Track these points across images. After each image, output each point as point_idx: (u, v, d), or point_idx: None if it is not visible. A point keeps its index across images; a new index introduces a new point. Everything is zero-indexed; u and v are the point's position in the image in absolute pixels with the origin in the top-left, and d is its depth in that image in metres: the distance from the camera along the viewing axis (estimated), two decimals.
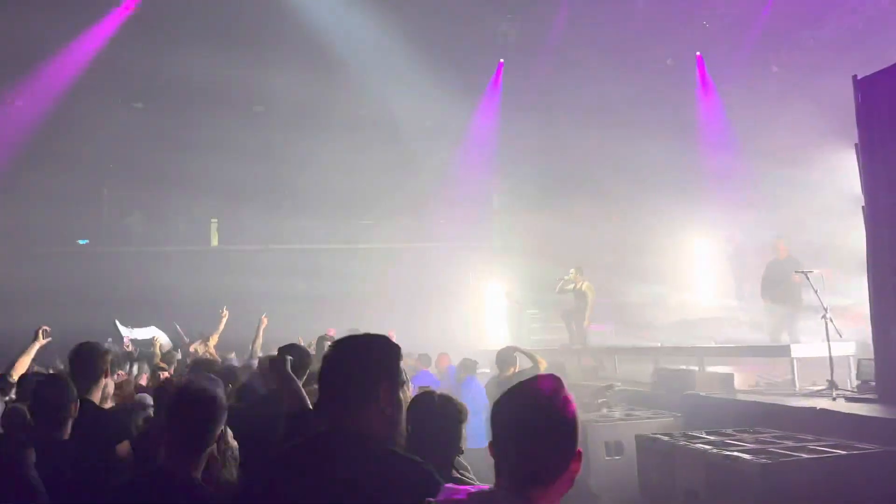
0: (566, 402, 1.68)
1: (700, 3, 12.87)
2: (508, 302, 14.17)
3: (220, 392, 2.62)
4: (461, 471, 3.21)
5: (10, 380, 4.51)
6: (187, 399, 2.53)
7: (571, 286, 11.38)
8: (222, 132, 15.73)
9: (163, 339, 10.44)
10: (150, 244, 17.13)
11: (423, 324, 13.91)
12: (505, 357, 7.06)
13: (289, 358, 3.14)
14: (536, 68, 15.00)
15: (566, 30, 13.87)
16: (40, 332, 5.03)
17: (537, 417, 1.66)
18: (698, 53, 14.49)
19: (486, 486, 1.72)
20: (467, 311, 16.21)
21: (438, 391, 3.47)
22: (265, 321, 7.95)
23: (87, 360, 3.72)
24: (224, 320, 8.66)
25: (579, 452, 1.67)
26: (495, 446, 1.69)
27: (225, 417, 2.59)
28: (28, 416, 3.47)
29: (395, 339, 2.21)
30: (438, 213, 18.43)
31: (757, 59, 12.78)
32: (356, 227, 18.59)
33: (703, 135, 14.55)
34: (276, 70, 14.64)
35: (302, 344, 4.98)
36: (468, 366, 8.17)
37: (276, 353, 4.62)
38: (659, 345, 10.56)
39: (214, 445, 2.60)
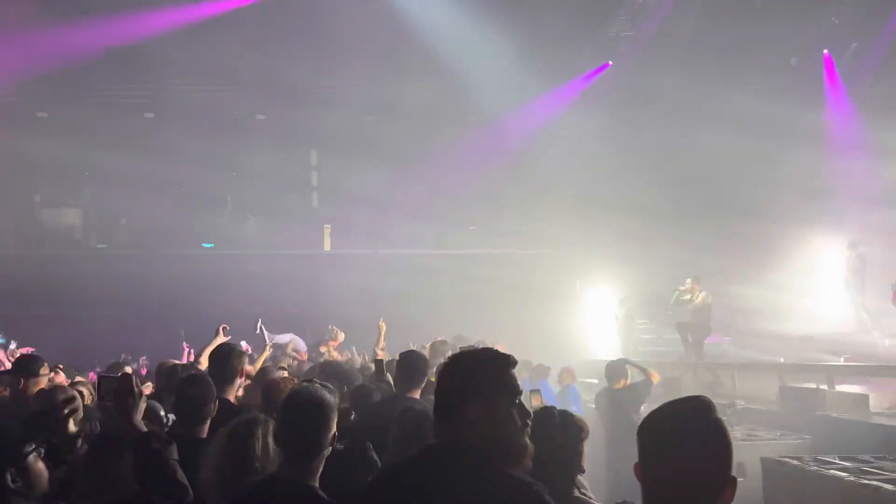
0: (717, 424, 1.61)
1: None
2: (623, 310, 13.65)
3: (328, 396, 2.56)
4: (582, 490, 3.14)
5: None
6: (292, 406, 2.51)
7: (688, 297, 10.96)
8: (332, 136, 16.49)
9: (300, 346, 10.92)
10: (266, 247, 17.91)
11: (529, 332, 13.81)
12: (615, 368, 6.92)
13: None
14: (655, 68, 14.56)
15: (687, 31, 13.41)
16: (221, 329, 5.36)
17: (697, 440, 1.59)
18: (826, 51, 13.68)
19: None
20: (574, 320, 15.95)
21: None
22: (384, 326, 8.07)
23: (225, 360, 3.91)
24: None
25: (734, 480, 1.59)
26: (645, 468, 1.63)
27: (334, 421, 2.54)
28: (161, 412, 3.61)
29: (503, 351, 2.19)
30: (547, 218, 18.27)
31: (891, 56, 11.91)
32: (462, 232, 18.72)
33: (832, 135, 13.71)
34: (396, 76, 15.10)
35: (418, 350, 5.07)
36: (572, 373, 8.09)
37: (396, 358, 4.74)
38: (782, 360, 9.98)
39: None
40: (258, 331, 11.07)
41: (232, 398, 3.94)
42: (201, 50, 14.50)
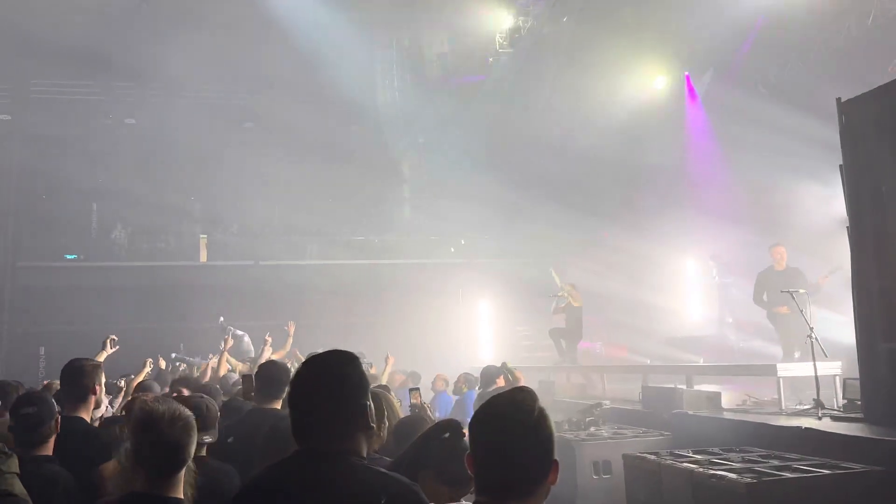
0: (542, 413, 1.71)
1: (685, 24, 13.01)
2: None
3: (187, 410, 2.52)
4: None
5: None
6: (153, 422, 2.43)
7: (564, 304, 11.41)
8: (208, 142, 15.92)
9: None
10: (137, 259, 17.04)
11: (411, 342, 13.90)
12: (489, 374, 7.17)
13: None
14: (532, 76, 15.01)
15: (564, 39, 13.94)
16: (108, 341, 4.98)
17: (516, 429, 1.67)
18: (686, 72, 14.66)
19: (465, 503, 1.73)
20: (456, 329, 16.20)
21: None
22: (270, 339, 7.91)
23: (75, 376, 3.70)
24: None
25: (556, 463, 1.69)
26: (473, 459, 1.70)
27: (195, 437, 2.50)
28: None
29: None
30: (427, 230, 18.50)
31: (745, 80, 12.93)
32: (346, 243, 18.60)
33: (693, 155, 14.67)
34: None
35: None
36: (469, 380, 8.24)
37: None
38: (647, 362, 10.58)
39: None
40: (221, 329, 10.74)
41: (87, 416, 3.72)
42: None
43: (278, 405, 4.05)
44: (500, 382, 7.01)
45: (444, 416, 6.30)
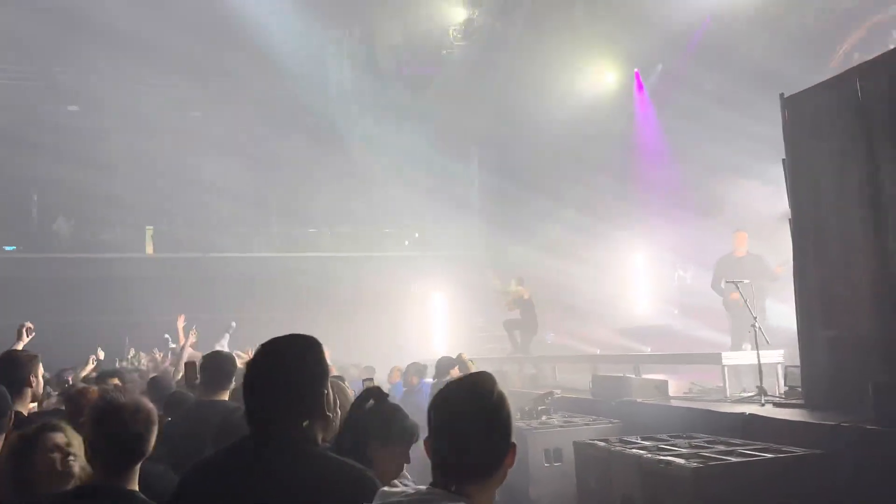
0: (501, 397, 1.72)
1: (634, 22, 13.24)
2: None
3: (147, 401, 2.52)
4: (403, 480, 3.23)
5: None
6: (109, 411, 2.41)
7: (515, 297, 11.52)
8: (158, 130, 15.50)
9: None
10: (79, 250, 16.54)
11: (365, 336, 13.85)
12: (443, 364, 7.21)
13: None
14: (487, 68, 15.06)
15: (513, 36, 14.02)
16: (24, 329, 4.79)
17: (475, 412, 1.68)
18: (636, 69, 14.92)
19: (422, 487, 1.73)
20: (410, 323, 16.21)
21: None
22: (194, 336, 7.80)
23: (7, 368, 3.57)
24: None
25: (514, 446, 1.70)
26: (432, 443, 1.70)
27: (155, 430, 2.48)
28: None
29: (329, 356, 2.20)
30: (380, 223, 18.43)
31: (693, 77, 13.22)
32: (298, 235, 18.40)
33: (642, 149, 14.94)
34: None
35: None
36: (419, 370, 8.25)
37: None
38: (597, 352, 10.76)
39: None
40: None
41: (24, 410, 3.60)
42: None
43: (226, 396, 3.97)
44: (455, 373, 7.04)
45: None
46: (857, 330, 5.36)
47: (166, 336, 11.21)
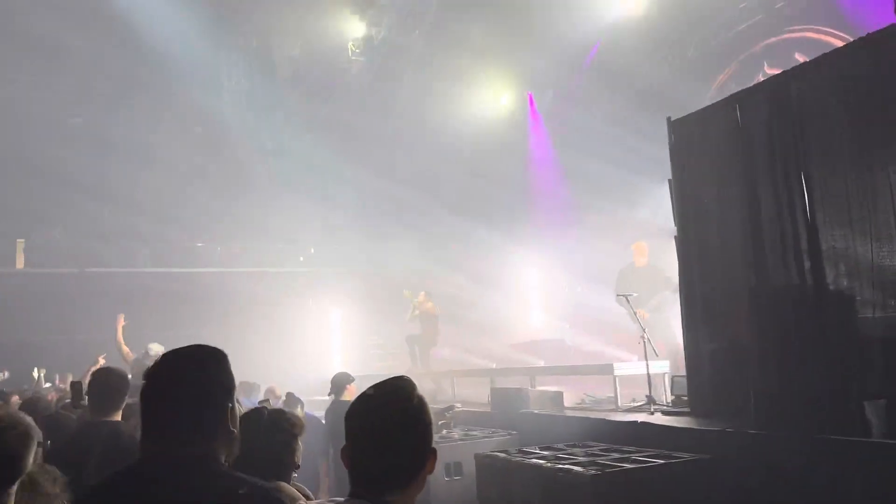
0: (421, 402, 1.70)
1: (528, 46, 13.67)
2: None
3: (28, 419, 2.31)
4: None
5: None
6: None
7: (418, 311, 11.51)
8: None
9: None
10: None
11: (257, 354, 13.40)
12: (340, 381, 7.08)
13: None
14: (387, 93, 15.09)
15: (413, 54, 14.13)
16: None
17: (396, 418, 1.64)
18: (529, 92, 15.40)
19: (340, 499, 1.67)
20: (306, 340, 15.86)
21: None
22: (101, 362, 7.33)
23: None
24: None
25: (434, 451, 1.68)
26: (351, 452, 1.65)
27: (33, 448, 2.28)
28: None
29: None
30: (274, 238, 17.98)
31: (583, 99, 13.78)
32: (187, 248, 17.64)
33: (535, 168, 15.39)
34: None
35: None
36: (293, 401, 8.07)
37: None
38: (494, 366, 10.92)
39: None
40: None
41: None
42: None
43: (117, 417, 3.71)
44: (352, 389, 6.93)
45: None
46: (738, 341, 5.71)
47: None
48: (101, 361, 7.62)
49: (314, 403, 10.34)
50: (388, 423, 1.64)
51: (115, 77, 14.91)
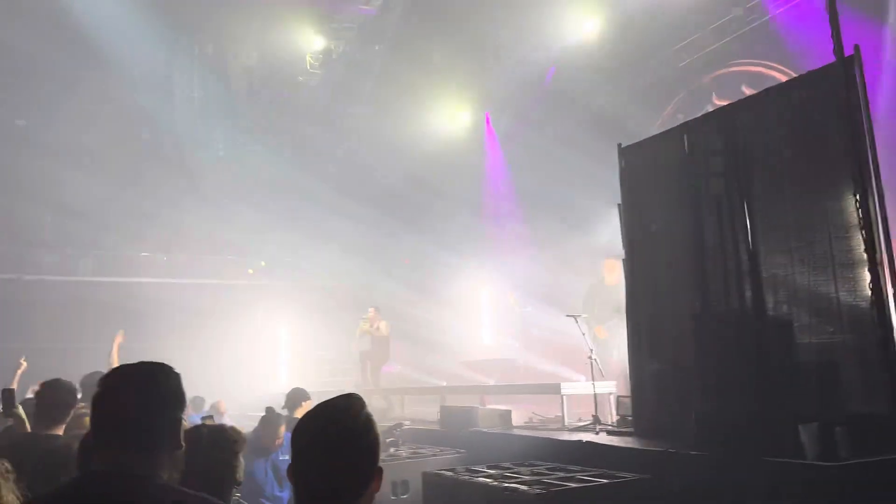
0: (368, 419, 1.70)
1: (487, 68, 13.85)
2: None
3: None
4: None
5: None
6: None
7: (367, 325, 11.43)
8: None
9: None
10: None
11: (203, 368, 13.11)
12: (295, 397, 6.97)
13: None
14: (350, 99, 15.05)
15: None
16: None
17: (342, 435, 1.65)
18: (487, 112, 15.58)
19: None
20: (254, 354, 15.60)
21: None
22: (24, 364, 7.05)
23: None
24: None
25: (380, 470, 1.69)
26: (296, 468, 1.64)
27: None
28: None
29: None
30: (223, 250, 17.68)
31: (539, 122, 14.01)
32: (130, 257, 17.18)
33: (490, 188, 15.54)
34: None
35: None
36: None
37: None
38: (444, 384, 10.91)
39: None
40: None
41: None
42: None
43: (60, 431, 3.59)
44: (307, 406, 6.81)
45: None
46: (680, 362, 5.85)
47: None
48: (24, 364, 7.33)
49: (258, 419, 10.16)
50: (332, 441, 1.64)
51: (60, 79, 14.53)
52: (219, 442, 3.00)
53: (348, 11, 13.26)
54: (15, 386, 5.00)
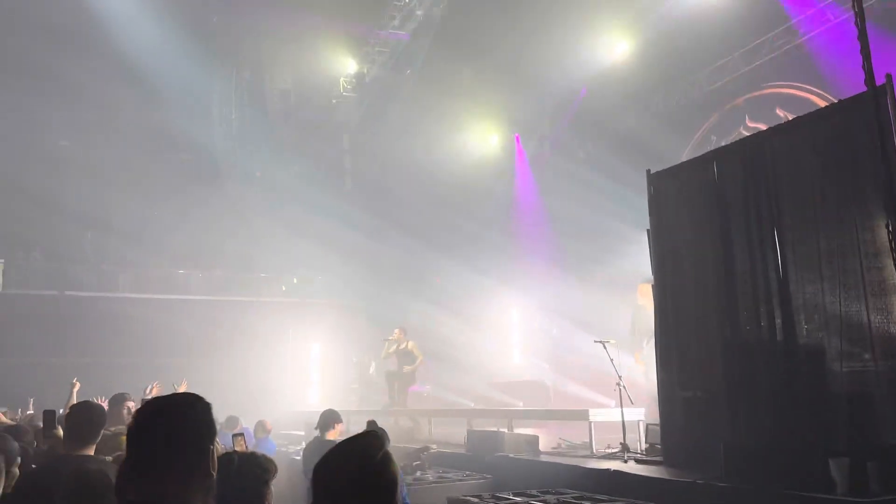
0: (385, 459, 1.73)
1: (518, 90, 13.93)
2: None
3: None
4: None
5: None
6: None
7: (394, 347, 11.45)
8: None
9: None
10: None
11: (236, 385, 13.29)
12: (327, 419, 6.92)
13: None
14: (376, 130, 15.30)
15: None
16: None
17: (355, 474, 1.68)
18: (517, 134, 15.65)
19: None
20: (285, 372, 15.75)
21: None
22: (77, 384, 7.25)
23: None
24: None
25: None
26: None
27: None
28: None
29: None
30: (258, 267, 17.95)
31: (568, 144, 14.03)
32: (167, 275, 17.54)
33: (520, 210, 15.57)
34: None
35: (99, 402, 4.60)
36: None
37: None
38: (472, 405, 10.89)
39: None
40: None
41: None
42: None
43: (90, 451, 3.68)
44: (339, 429, 6.81)
45: None
46: (710, 390, 5.78)
47: None
48: (77, 384, 7.49)
49: (289, 437, 10.26)
50: (346, 484, 1.67)
51: (103, 102, 14.99)
52: (250, 470, 3.03)
53: (381, 36, 13.50)
54: (73, 403, 5.13)
